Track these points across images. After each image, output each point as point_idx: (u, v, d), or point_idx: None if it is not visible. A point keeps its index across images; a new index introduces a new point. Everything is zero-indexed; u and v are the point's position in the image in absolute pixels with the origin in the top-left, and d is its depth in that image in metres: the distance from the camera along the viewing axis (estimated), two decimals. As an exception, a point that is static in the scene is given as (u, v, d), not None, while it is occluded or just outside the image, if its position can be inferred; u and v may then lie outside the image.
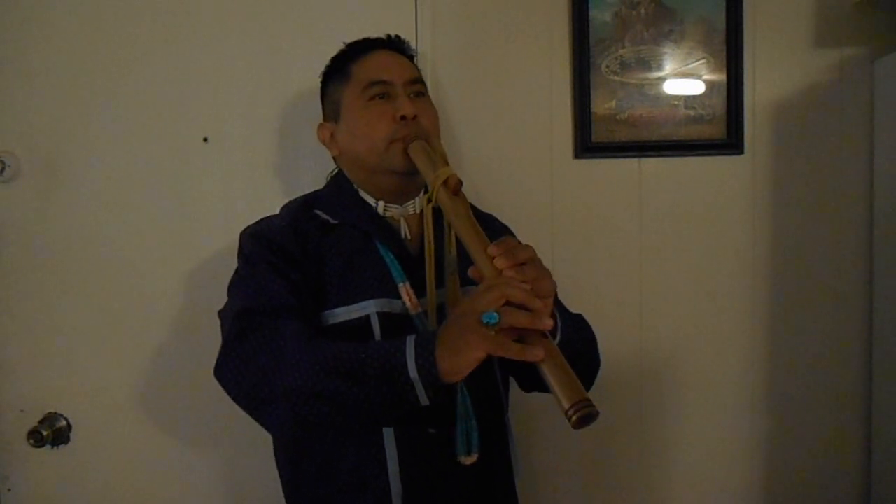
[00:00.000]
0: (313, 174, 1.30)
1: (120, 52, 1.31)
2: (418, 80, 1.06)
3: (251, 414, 0.86)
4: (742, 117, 1.33)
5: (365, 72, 1.03)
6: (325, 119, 1.11)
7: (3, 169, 1.29)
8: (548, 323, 0.76)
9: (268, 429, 0.87)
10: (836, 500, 1.36)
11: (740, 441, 1.36)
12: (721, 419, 1.37)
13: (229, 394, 0.86)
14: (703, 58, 1.33)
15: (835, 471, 1.36)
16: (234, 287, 0.96)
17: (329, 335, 0.92)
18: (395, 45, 1.09)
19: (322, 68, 1.31)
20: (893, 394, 1.27)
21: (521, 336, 0.77)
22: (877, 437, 1.33)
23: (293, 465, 1.00)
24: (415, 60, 1.11)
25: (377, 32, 1.11)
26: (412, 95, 1.03)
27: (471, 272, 0.84)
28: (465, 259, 0.88)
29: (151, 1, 1.31)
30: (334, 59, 1.09)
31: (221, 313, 0.93)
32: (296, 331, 0.85)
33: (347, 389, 0.79)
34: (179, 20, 1.31)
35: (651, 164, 1.35)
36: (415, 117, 0.99)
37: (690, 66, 1.33)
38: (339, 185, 1.06)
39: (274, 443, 1.04)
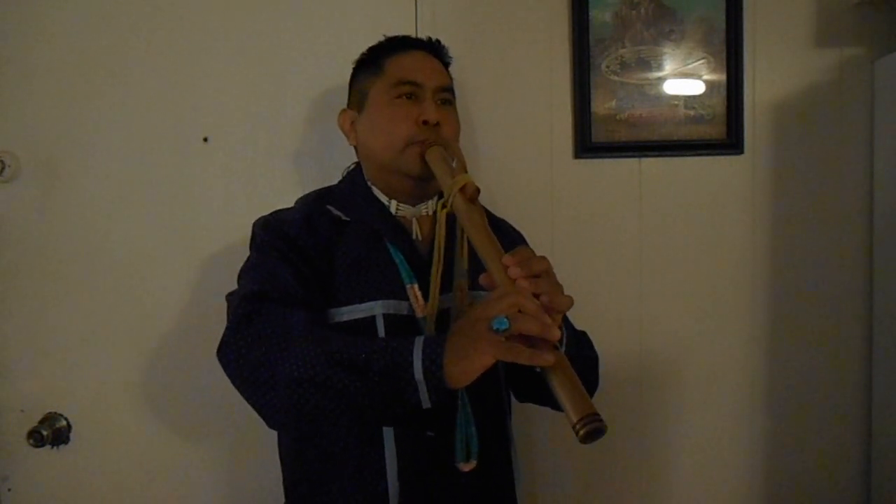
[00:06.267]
0: (314, 174, 1.30)
1: (120, 52, 1.31)
2: (448, 89, 1.06)
3: (248, 398, 0.84)
4: (742, 117, 1.33)
5: (398, 69, 1.02)
6: (349, 106, 1.10)
7: (3, 169, 1.29)
8: (556, 333, 0.75)
9: (263, 416, 0.85)
10: (836, 500, 1.36)
11: (740, 441, 1.37)
12: (721, 419, 1.37)
13: (229, 375, 0.85)
14: (703, 58, 1.33)
15: (835, 471, 1.36)
16: (244, 272, 0.96)
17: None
18: (433, 48, 1.08)
19: (322, 67, 1.31)
20: (893, 394, 1.27)
21: (530, 345, 0.76)
22: (877, 438, 1.33)
23: (296, 461, 1.00)
24: (450, 69, 1.10)
25: (377, 33, 1.11)
26: (439, 102, 1.02)
27: (482, 279, 0.83)
28: (475, 266, 0.88)
29: (152, 1, 1.31)
30: (371, 50, 1.08)
31: (229, 296, 0.93)
32: (303, 319, 0.85)
33: (350, 383, 0.77)
34: (180, 20, 1.31)
35: (651, 164, 1.35)
36: (437, 124, 0.99)
37: (690, 66, 1.33)
38: (353, 181, 1.06)
39: (278, 438, 1.04)
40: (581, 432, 0.70)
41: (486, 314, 0.75)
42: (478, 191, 0.90)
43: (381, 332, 0.92)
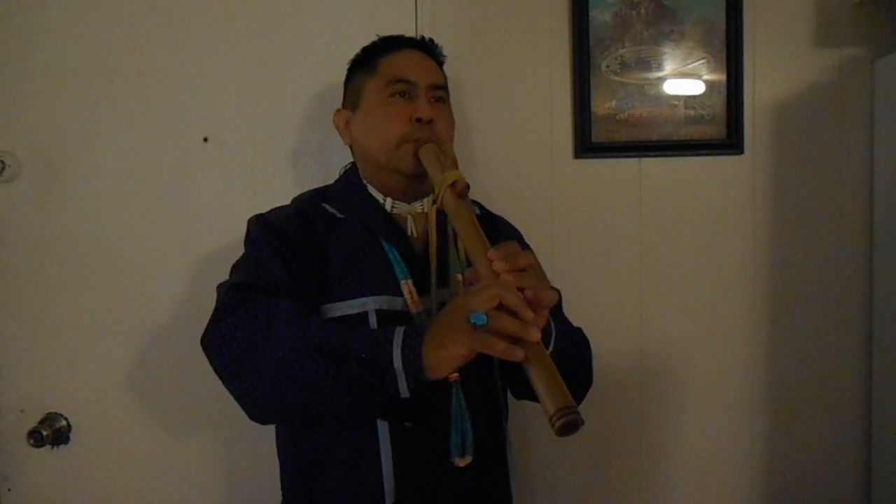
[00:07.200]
0: (314, 174, 1.30)
1: (120, 52, 1.31)
2: (442, 87, 1.06)
3: (229, 386, 0.84)
4: (742, 117, 1.33)
5: (391, 68, 1.03)
6: (343, 106, 1.11)
7: (3, 169, 1.29)
8: (535, 334, 0.74)
9: (244, 405, 0.85)
10: (836, 500, 1.36)
11: (740, 441, 1.37)
12: (721, 420, 1.37)
13: (212, 363, 0.85)
14: (703, 58, 1.33)
15: (835, 471, 1.36)
16: (236, 266, 0.97)
17: None
18: (426, 47, 1.09)
19: (321, 67, 1.31)
20: (893, 394, 1.27)
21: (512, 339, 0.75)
22: (877, 437, 1.33)
23: (292, 457, 1.00)
24: (444, 67, 1.11)
25: (377, 32, 1.11)
26: (433, 100, 1.03)
27: (467, 274, 0.84)
28: (469, 261, 0.88)
29: (151, 1, 1.31)
30: (364, 50, 1.09)
31: (219, 286, 0.93)
32: (288, 309, 0.85)
33: (329, 370, 0.78)
34: (180, 20, 1.31)
35: (651, 164, 1.35)
36: (431, 121, 0.99)
37: (690, 66, 1.33)
38: (348, 180, 1.07)
39: (276, 435, 1.04)
40: (557, 425, 0.70)
41: (465, 305, 0.76)
42: (467, 187, 0.90)
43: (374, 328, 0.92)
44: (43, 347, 1.31)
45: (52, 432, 1.28)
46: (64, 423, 1.31)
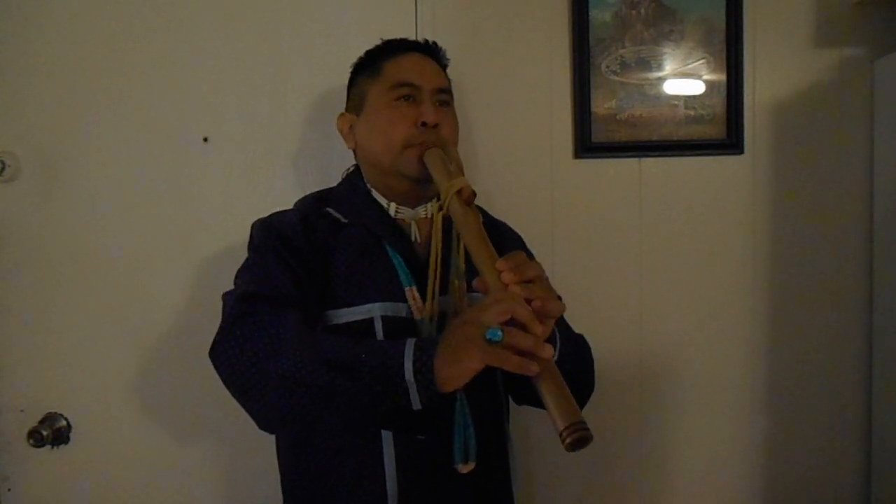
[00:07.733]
0: (314, 175, 1.30)
1: (120, 52, 1.31)
2: (446, 90, 1.06)
3: (239, 398, 0.84)
4: (742, 117, 1.33)
5: (396, 71, 1.03)
6: (347, 110, 1.10)
7: (3, 169, 1.29)
8: (547, 351, 0.76)
9: (254, 416, 0.85)
10: (836, 500, 1.36)
11: (740, 442, 1.36)
12: (721, 420, 1.36)
13: (221, 375, 0.85)
14: (703, 58, 1.33)
15: (835, 471, 1.36)
16: (240, 273, 0.96)
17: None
18: (431, 50, 1.08)
19: (321, 67, 1.31)
20: (893, 394, 1.27)
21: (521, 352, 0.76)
22: (877, 437, 1.33)
23: (294, 463, 1.00)
24: (449, 69, 1.11)
25: (377, 33, 1.11)
26: (437, 103, 1.02)
27: (476, 284, 0.84)
28: (472, 269, 0.88)
29: (151, 1, 1.31)
30: (368, 53, 1.09)
31: (225, 296, 0.93)
32: (296, 320, 0.85)
33: (340, 383, 0.78)
34: (179, 20, 1.31)
35: (651, 164, 1.35)
36: (436, 125, 0.99)
37: (690, 66, 1.33)
38: (352, 183, 1.07)
39: (276, 440, 1.04)
40: (567, 440, 0.71)
41: (477, 319, 0.76)
42: (474, 194, 0.90)
43: (380, 334, 0.92)
44: (43, 347, 1.31)
45: (52, 432, 1.28)
46: (64, 423, 1.31)
